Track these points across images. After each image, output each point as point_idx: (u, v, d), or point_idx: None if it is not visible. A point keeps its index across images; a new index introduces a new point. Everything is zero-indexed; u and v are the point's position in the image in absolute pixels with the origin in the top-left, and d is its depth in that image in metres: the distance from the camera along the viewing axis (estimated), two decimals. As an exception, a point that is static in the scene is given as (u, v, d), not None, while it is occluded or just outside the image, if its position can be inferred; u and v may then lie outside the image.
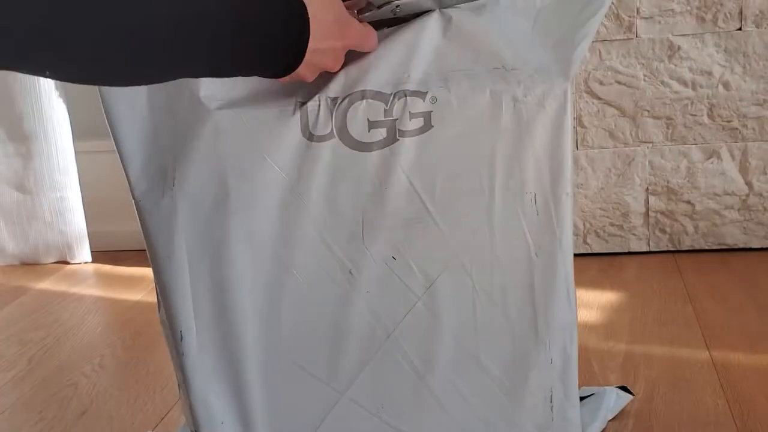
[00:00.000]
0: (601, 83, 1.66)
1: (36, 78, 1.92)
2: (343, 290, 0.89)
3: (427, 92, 0.85)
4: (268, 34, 0.70)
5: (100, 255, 2.05)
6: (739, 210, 1.69)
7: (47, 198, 2.00)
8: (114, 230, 2.06)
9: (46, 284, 1.90)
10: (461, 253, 0.89)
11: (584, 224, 1.74)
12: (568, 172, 0.88)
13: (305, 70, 0.76)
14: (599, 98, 1.67)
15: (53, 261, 2.05)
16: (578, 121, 1.69)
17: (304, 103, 0.84)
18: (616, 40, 1.63)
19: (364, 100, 0.85)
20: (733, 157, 1.66)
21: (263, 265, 0.88)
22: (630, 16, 1.62)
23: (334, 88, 0.84)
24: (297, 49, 0.73)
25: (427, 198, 0.87)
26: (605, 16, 1.60)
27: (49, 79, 1.90)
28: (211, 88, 0.83)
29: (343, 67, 0.84)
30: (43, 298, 1.80)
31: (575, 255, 1.70)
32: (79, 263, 2.03)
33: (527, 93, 0.85)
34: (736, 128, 1.65)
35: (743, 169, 1.66)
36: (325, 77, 0.84)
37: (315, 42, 0.73)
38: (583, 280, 1.61)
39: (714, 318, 1.40)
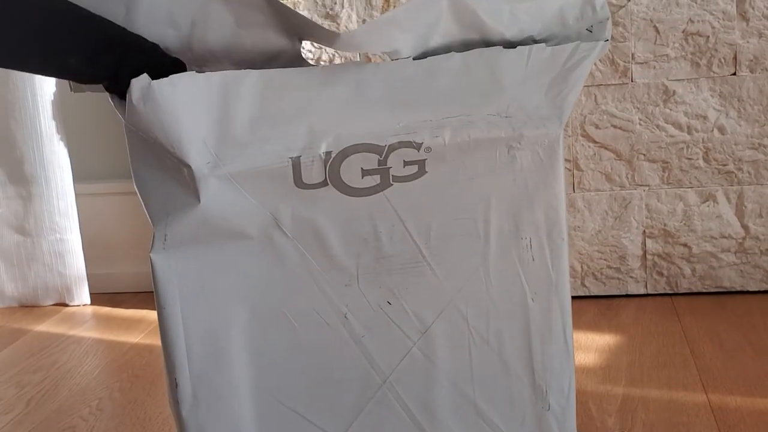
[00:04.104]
0: (596, 127, 1.67)
1: (37, 121, 1.94)
2: (338, 334, 0.88)
3: (422, 143, 0.84)
4: None
5: (98, 297, 2.05)
6: (735, 253, 1.69)
7: (47, 240, 2.01)
8: (113, 272, 2.07)
9: (44, 326, 1.89)
10: (457, 298, 0.89)
11: (582, 267, 1.74)
12: (563, 218, 0.89)
13: None
14: (595, 141, 1.68)
15: (52, 303, 2.05)
16: (574, 164, 1.70)
17: (296, 159, 0.84)
18: (612, 84, 1.65)
19: (358, 154, 0.84)
20: (729, 200, 1.67)
21: (256, 309, 0.88)
22: (625, 62, 1.64)
23: (327, 143, 0.84)
24: None
25: (422, 242, 0.87)
26: (600, 60, 1.63)
27: (50, 122, 1.93)
28: (197, 155, 0.81)
29: (335, 119, 0.83)
30: (41, 341, 1.79)
31: (573, 297, 1.71)
32: (78, 305, 2.03)
33: (521, 139, 0.86)
34: (732, 172, 1.66)
35: (739, 213, 1.67)
36: (317, 133, 0.84)
37: None
38: (581, 322, 1.61)
39: (712, 361, 1.40)
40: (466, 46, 0.85)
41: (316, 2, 1.69)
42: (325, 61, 1.71)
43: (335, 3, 1.69)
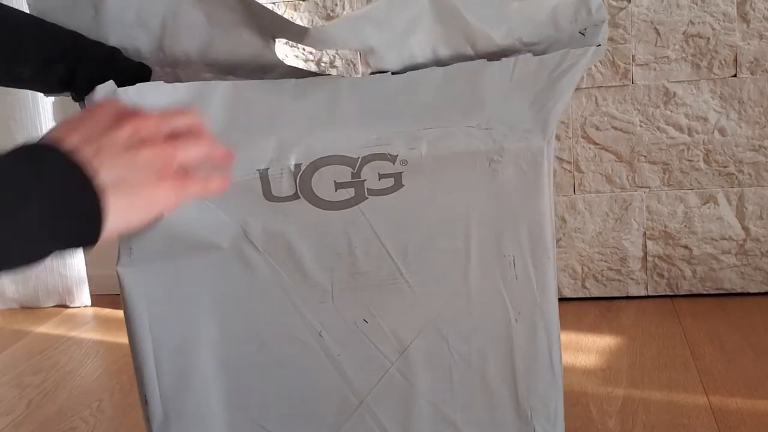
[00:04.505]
0: (597, 129, 1.67)
1: (38, 122, 1.94)
2: (313, 353, 0.86)
3: (396, 155, 0.81)
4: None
5: (99, 299, 2.05)
6: (736, 255, 1.69)
7: (48, 242, 2.01)
8: (113, 274, 2.06)
9: (45, 328, 1.89)
10: (436, 317, 0.85)
11: (582, 268, 1.74)
12: (549, 235, 0.85)
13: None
14: (596, 143, 1.68)
15: (53, 305, 2.05)
16: (575, 165, 1.70)
17: (264, 172, 0.81)
18: (612, 86, 1.65)
19: (330, 166, 0.81)
20: (729, 202, 1.67)
21: (227, 325, 0.85)
22: (626, 63, 1.64)
23: (296, 155, 0.81)
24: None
25: (399, 258, 0.84)
26: (600, 62, 1.62)
27: (50, 123, 1.92)
28: None
29: (305, 130, 0.80)
30: (42, 342, 1.79)
31: (574, 299, 1.71)
32: (79, 307, 2.03)
33: (502, 152, 0.82)
34: (733, 173, 1.66)
35: (740, 214, 1.67)
36: (285, 145, 0.81)
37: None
38: (581, 324, 1.61)
39: (712, 363, 1.40)
40: (448, 46, 0.81)
41: (316, 3, 1.69)
42: (325, 62, 1.70)
43: (336, 4, 1.69)
